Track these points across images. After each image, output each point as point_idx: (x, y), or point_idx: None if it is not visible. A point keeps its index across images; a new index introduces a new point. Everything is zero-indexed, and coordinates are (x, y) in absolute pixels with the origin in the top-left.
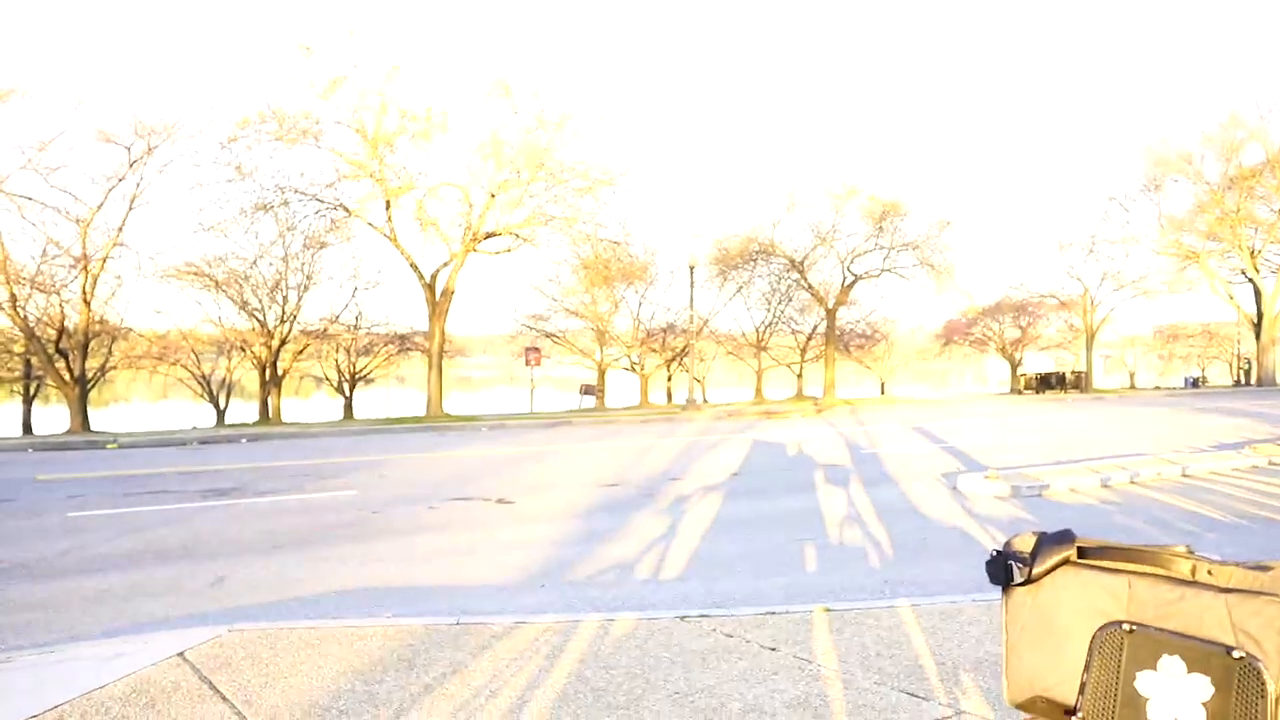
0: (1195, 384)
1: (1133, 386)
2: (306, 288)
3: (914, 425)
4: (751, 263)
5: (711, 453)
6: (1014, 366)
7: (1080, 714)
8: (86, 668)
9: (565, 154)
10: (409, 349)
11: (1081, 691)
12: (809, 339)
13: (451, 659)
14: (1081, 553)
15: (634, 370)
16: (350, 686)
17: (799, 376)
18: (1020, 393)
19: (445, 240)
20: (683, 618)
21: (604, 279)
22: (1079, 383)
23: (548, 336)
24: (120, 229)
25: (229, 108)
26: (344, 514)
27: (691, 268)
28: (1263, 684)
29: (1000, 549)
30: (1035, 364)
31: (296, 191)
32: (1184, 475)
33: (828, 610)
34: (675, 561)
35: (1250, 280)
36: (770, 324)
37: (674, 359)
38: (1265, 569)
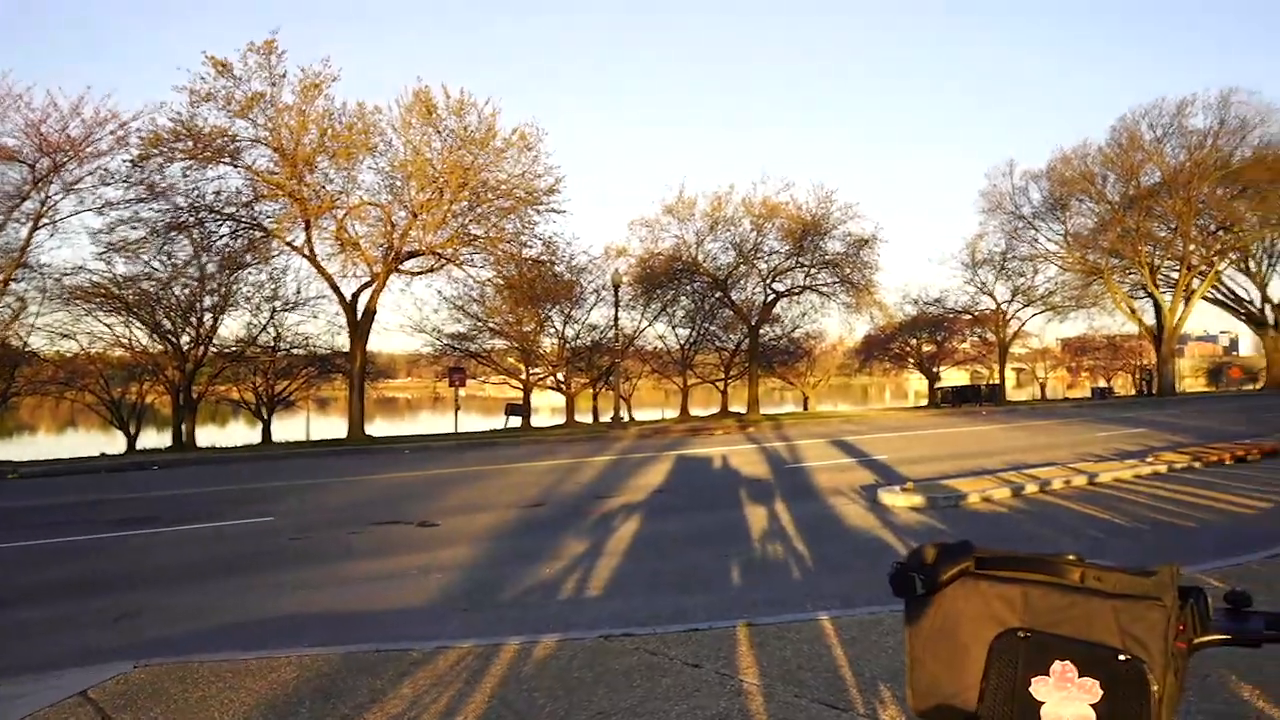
0: (1102, 395)
1: (1044, 398)
2: (222, 309)
3: (835, 439)
4: (675, 281)
5: (637, 470)
6: (931, 380)
7: (980, 718)
8: None
9: (490, 173)
10: (330, 371)
11: (981, 698)
12: (733, 356)
13: (371, 687)
14: (980, 563)
15: (560, 389)
16: None
17: (724, 393)
18: (938, 406)
19: (367, 260)
20: (606, 637)
21: (528, 298)
22: (993, 395)
23: (472, 356)
24: (24, 250)
25: (140, 125)
26: (262, 541)
27: (616, 286)
28: (1147, 684)
29: (902, 561)
30: (952, 378)
31: (211, 211)
32: (1091, 484)
33: (750, 625)
34: (600, 580)
35: (1151, 295)
36: (695, 342)
37: (600, 377)
38: (1149, 574)
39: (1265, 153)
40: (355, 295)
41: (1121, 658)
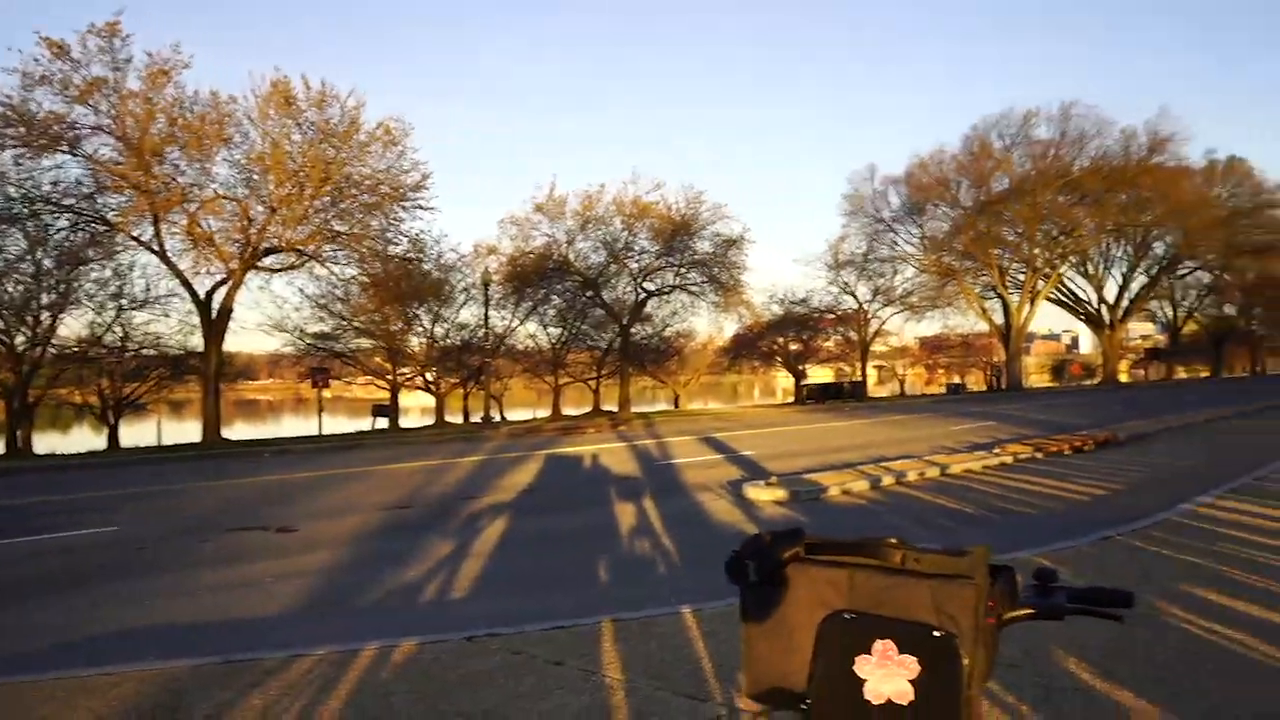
0: (956, 390)
1: (903, 394)
2: (62, 308)
3: (705, 437)
4: (547, 280)
5: (507, 470)
6: (798, 378)
7: (809, 701)
8: None
9: (354, 168)
10: (183, 373)
11: (809, 679)
12: (605, 355)
13: (218, 700)
14: (810, 549)
15: (429, 390)
16: None
17: (596, 392)
18: (804, 403)
19: (222, 257)
20: (469, 638)
21: (395, 297)
22: (855, 392)
23: (336, 356)
24: None
25: None
26: (106, 553)
27: (485, 284)
28: (959, 658)
29: (737, 550)
30: (817, 375)
31: (48, 203)
32: (943, 475)
33: (614, 621)
34: (465, 581)
35: (1000, 296)
36: (566, 341)
37: (470, 377)
38: (963, 555)
39: (1101, 163)
40: (210, 293)
41: (936, 634)
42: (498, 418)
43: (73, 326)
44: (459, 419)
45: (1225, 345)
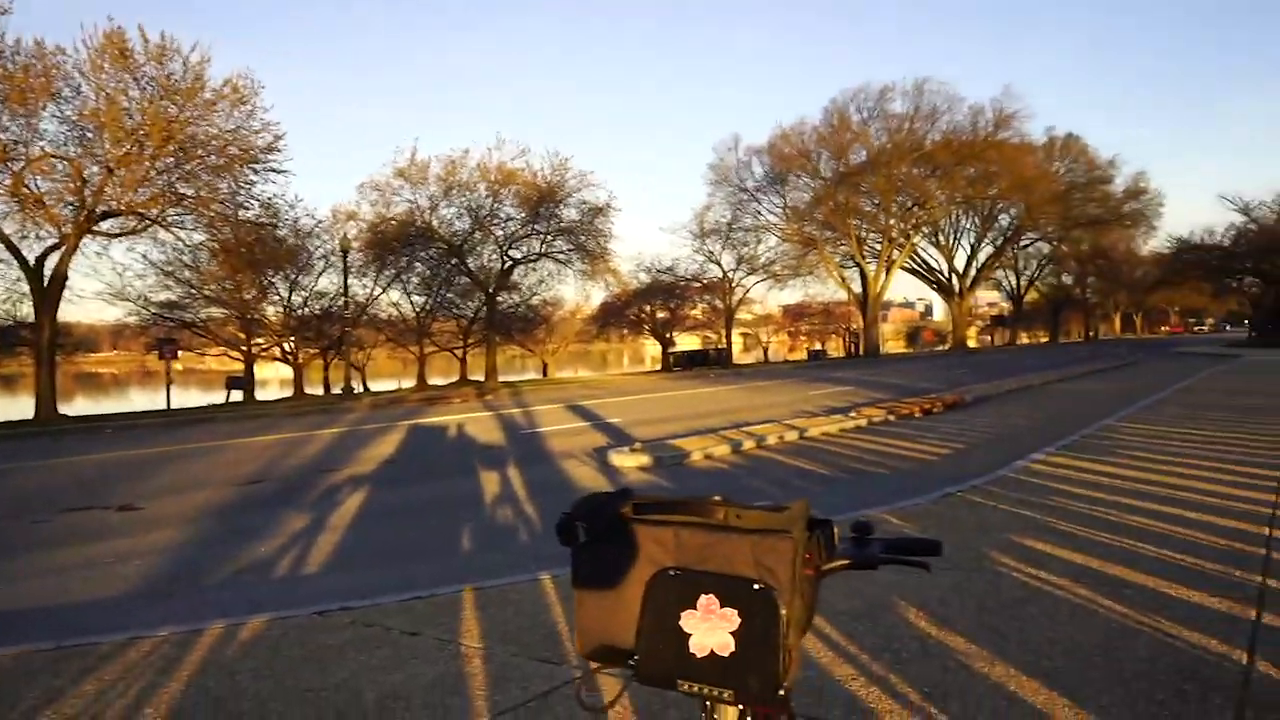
0: (817, 356)
1: (766, 361)
2: None
3: (571, 405)
4: (410, 247)
5: (368, 442)
6: (665, 346)
7: (637, 657)
8: None
9: (199, 128)
10: (13, 345)
11: (638, 636)
12: (471, 324)
13: (48, 688)
14: (637, 509)
15: (288, 360)
16: None
17: (462, 362)
18: (671, 370)
19: (53, 220)
20: (321, 613)
21: (247, 264)
22: (721, 359)
23: (186, 327)
24: None
25: None
26: None
27: (344, 251)
28: (777, 609)
29: (567, 512)
30: (685, 343)
31: None
32: (802, 438)
33: (474, 590)
34: (320, 556)
35: (858, 265)
36: (431, 309)
37: (330, 347)
38: (782, 510)
39: (951, 137)
40: (41, 259)
41: (756, 586)
42: (360, 389)
43: None
44: (320, 391)
45: (1062, 312)
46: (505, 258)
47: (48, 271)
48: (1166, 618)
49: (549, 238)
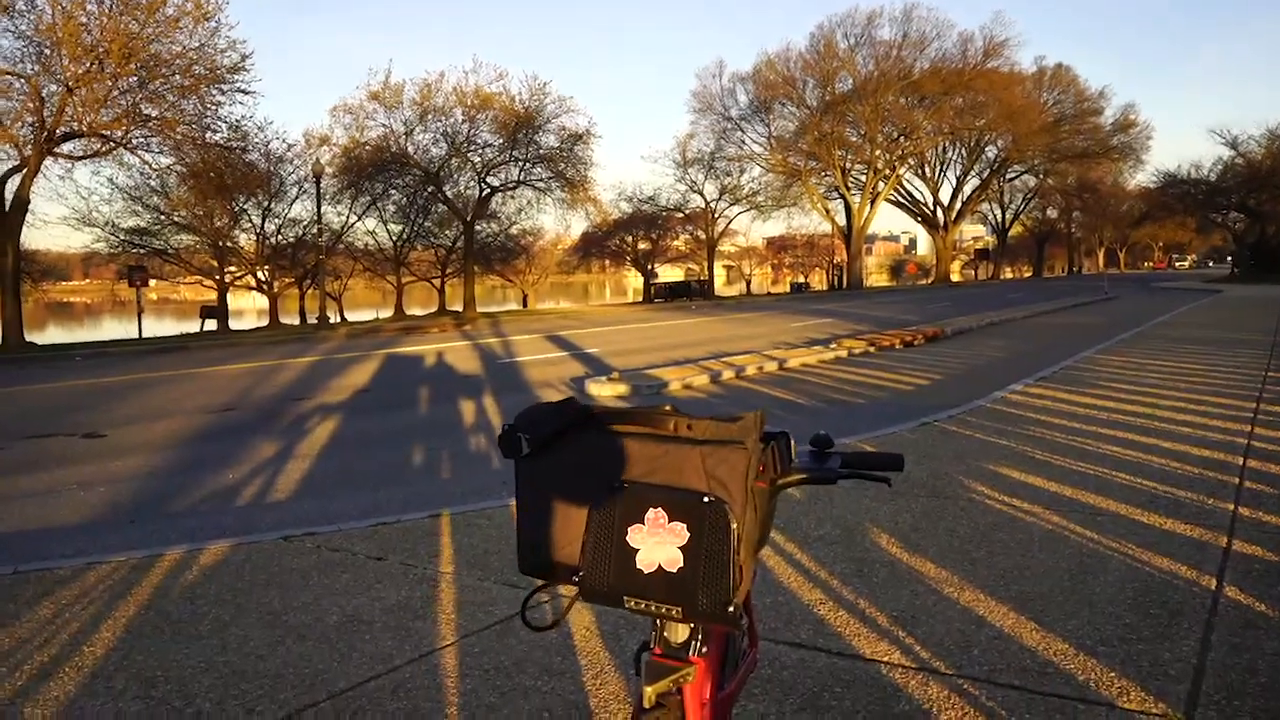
0: (800, 289)
1: (749, 293)
2: None
3: (551, 335)
4: (384, 174)
5: (342, 371)
6: (647, 277)
7: (581, 574)
8: None
9: (162, 45)
10: None
11: (582, 552)
12: (449, 253)
13: (1, 611)
14: (583, 419)
15: (262, 290)
16: None
17: (441, 292)
18: (653, 302)
19: (11, 140)
20: (286, 538)
21: (217, 189)
22: (703, 291)
23: (156, 254)
24: None
25: None
26: None
27: (317, 176)
28: (728, 523)
29: (510, 423)
30: (667, 275)
31: None
32: (781, 369)
33: (442, 516)
34: (289, 483)
35: (842, 197)
36: (408, 238)
37: (305, 276)
38: (736, 420)
39: (940, 66)
40: (1, 182)
41: (706, 499)
42: (337, 319)
43: None
44: (296, 321)
45: (1046, 246)
46: (483, 185)
47: (9, 195)
48: (1137, 544)
49: (527, 165)
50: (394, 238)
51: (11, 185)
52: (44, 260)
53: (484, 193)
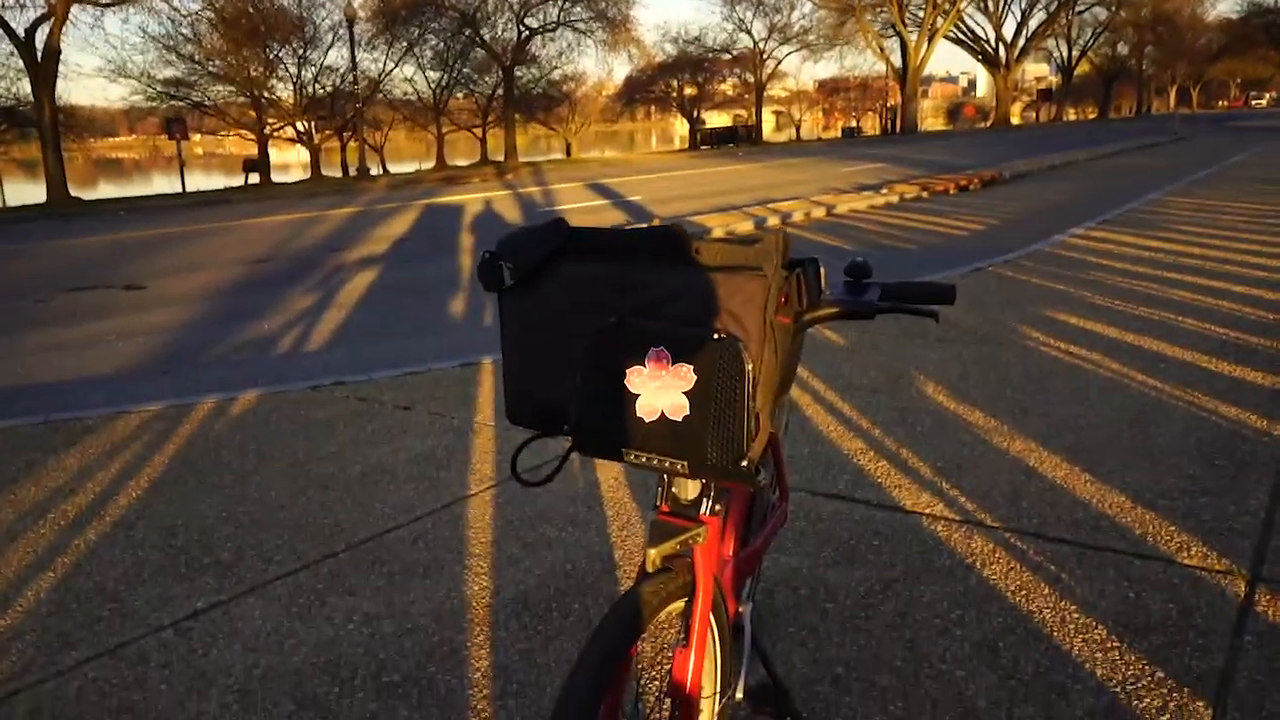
0: (852, 134)
1: (799, 139)
2: None
3: (593, 183)
4: (419, 17)
5: (381, 222)
6: (693, 124)
7: (576, 423)
8: None
9: None
10: (17, 125)
11: (575, 398)
12: (490, 101)
13: (30, 460)
14: (575, 242)
15: (302, 141)
16: None
17: (482, 142)
18: (698, 149)
19: None
20: (314, 387)
21: (248, 35)
22: (751, 137)
23: (195, 107)
24: None
25: None
26: None
27: (350, 20)
28: (742, 364)
29: (491, 250)
30: (714, 122)
31: None
32: (829, 215)
33: (472, 364)
34: (323, 333)
35: (899, 33)
36: (447, 86)
37: (345, 127)
38: (751, 242)
39: None
40: (30, 31)
41: (716, 336)
42: (377, 170)
43: None
44: (338, 173)
45: (1115, 86)
46: (521, 27)
47: (39, 45)
48: (1204, 393)
49: (567, 4)
50: (432, 85)
51: (40, 35)
52: (84, 115)
53: (522, 35)
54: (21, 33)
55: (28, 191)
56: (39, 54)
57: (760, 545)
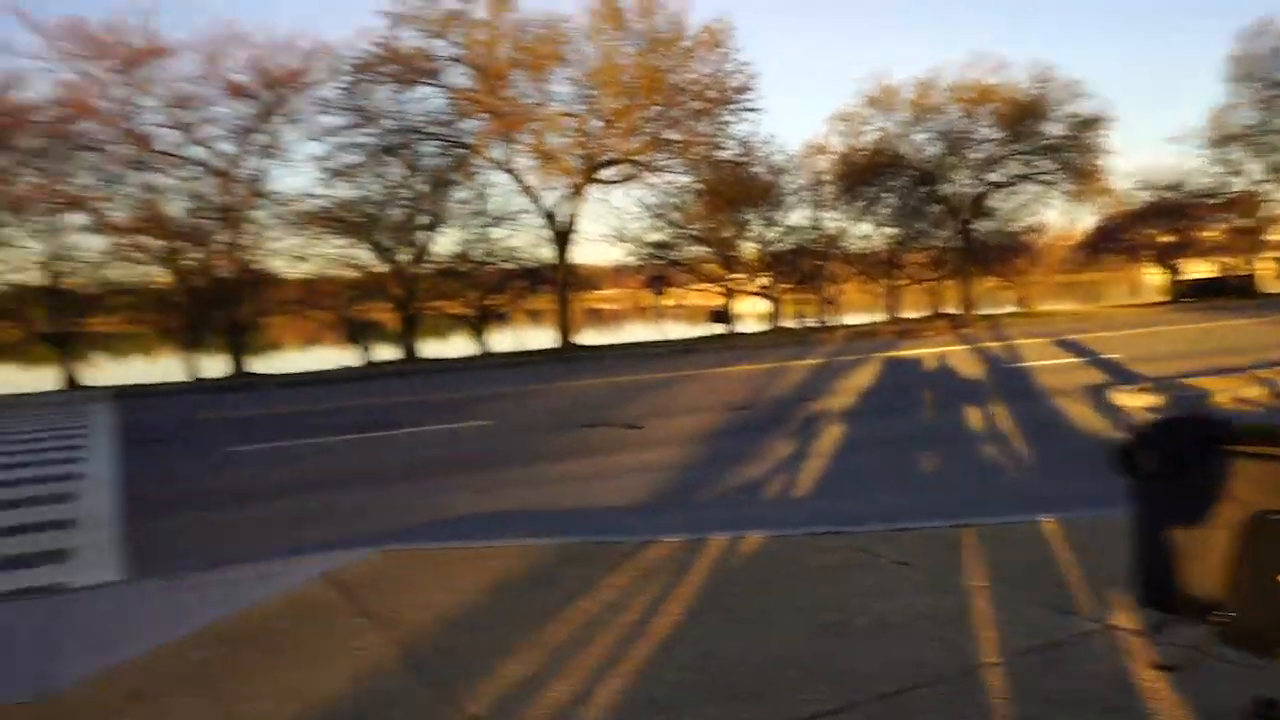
0: None
1: None
2: (434, 226)
3: (1059, 339)
4: (879, 177)
5: (843, 374)
6: (1172, 275)
7: (1228, 613)
8: (247, 586)
9: (679, 75)
10: (538, 284)
11: (1230, 588)
12: (943, 254)
13: (584, 576)
14: (1235, 439)
15: (764, 294)
16: (484, 601)
17: (934, 295)
18: (1178, 301)
19: (565, 171)
20: (810, 535)
21: (727, 203)
22: (1243, 288)
23: (674, 265)
24: (257, 179)
25: (346, 52)
26: (479, 443)
27: (817, 178)
28: None
29: (1131, 437)
30: (1195, 271)
31: (417, 132)
32: None
33: (963, 526)
34: (804, 482)
35: None
36: (903, 241)
37: (803, 280)
38: None
39: None
40: (556, 207)
41: None
42: (832, 322)
43: (444, 244)
44: (792, 324)
45: None
46: (981, 182)
47: (561, 218)
48: None
49: (1030, 158)
50: (888, 240)
51: (563, 210)
52: (581, 273)
53: (982, 190)
54: (550, 209)
55: (531, 337)
56: (560, 226)
57: None
